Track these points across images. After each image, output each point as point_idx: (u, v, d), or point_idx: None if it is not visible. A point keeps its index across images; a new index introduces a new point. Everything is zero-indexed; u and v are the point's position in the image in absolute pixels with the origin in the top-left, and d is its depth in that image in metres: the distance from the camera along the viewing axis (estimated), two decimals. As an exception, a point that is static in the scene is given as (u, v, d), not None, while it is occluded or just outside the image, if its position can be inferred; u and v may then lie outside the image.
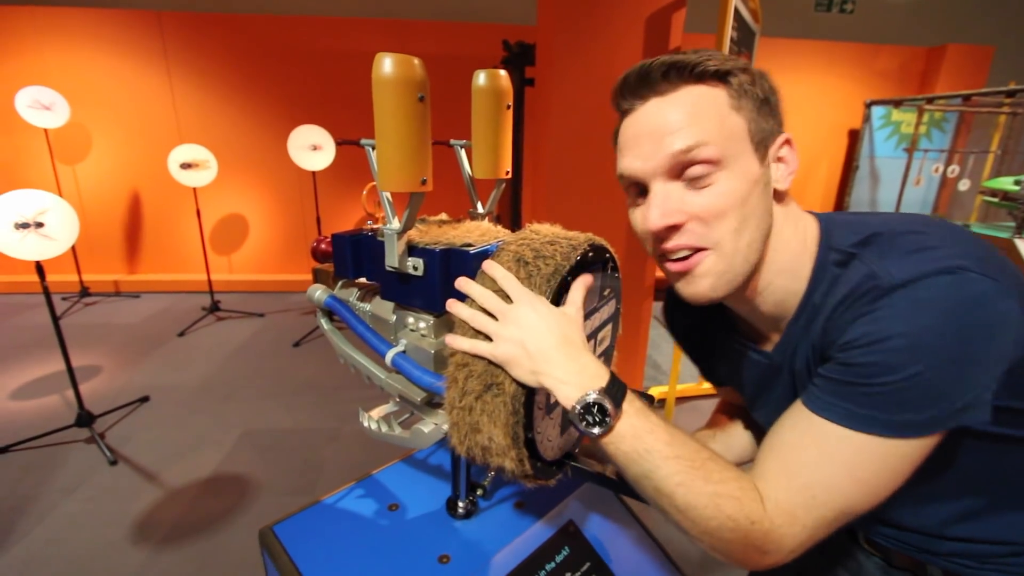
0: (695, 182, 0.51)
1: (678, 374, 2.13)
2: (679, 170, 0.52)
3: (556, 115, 1.82)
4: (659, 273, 2.74)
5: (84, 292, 4.17)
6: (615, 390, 0.51)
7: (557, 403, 0.71)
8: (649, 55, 1.79)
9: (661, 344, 3.51)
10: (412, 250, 0.69)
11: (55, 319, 2.09)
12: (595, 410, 0.51)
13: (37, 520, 1.79)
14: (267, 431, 2.37)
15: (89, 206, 4.23)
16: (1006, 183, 2.79)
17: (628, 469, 0.52)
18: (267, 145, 4.22)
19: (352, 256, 0.74)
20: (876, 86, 4.70)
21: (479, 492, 0.90)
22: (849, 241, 0.52)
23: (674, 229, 0.53)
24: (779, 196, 0.56)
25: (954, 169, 4.69)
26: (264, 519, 1.81)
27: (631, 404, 0.52)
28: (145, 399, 2.61)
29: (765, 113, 0.52)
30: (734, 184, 0.51)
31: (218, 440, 2.29)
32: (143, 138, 4.15)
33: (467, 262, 0.69)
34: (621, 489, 0.68)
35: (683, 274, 0.55)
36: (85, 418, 2.24)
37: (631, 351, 2.17)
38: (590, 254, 0.65)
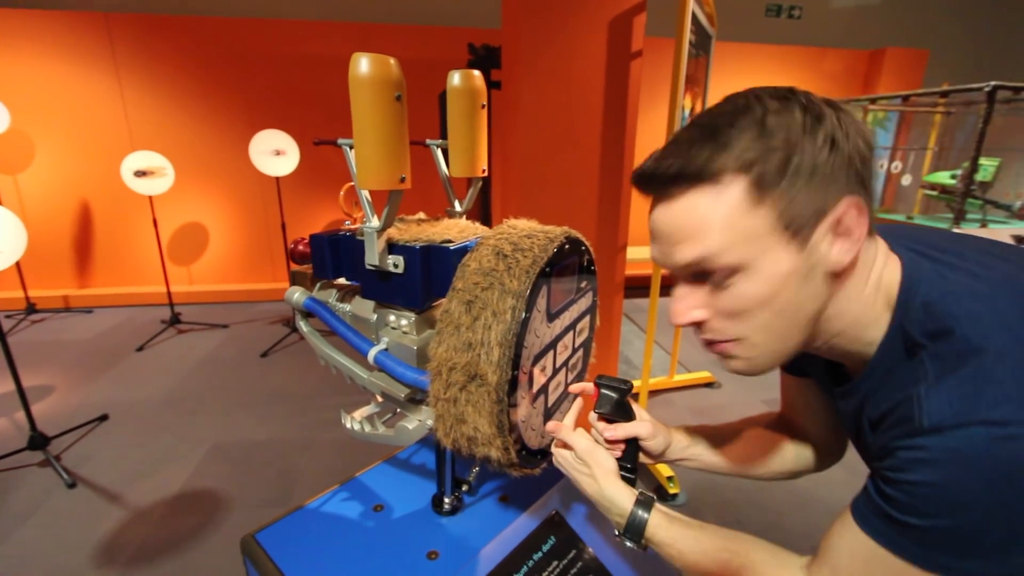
0: (719, 283, 0.49)
1: (650, 368, 2.19)
2: (698, 274, 0.50)
3: (524, 116, 1.85)
4: (629, 270, 2.80)
5: (31, 309, 3.95)
6: (634, 524, 0.63)
7: (542, 390, 0.73)
8: (612, 56, 1.84)
9: (633, 340, 3.58)
10: (392, 248, 0.70)
11: (2, 337, 1.98)
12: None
13: (-11, 550, 1.69)
14: (237, 443, 2.30)
15: (33, 218, 4.00)
16: (943, 177, 2.99)
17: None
18: (227, 151, 4.10)
19: (331, 256, 0.74)
20: (824, 88, 4.94)
21: (464, 488, 0.91)
22: (922, 329, 0.46)
23: (699, 323, 0.52)
24: (840, 272, 0.48)
25: (897, 165, 4.98)
26: (239, 532, 1.75)
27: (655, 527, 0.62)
28: (104, 418, 2.48)
29: (813, 187, 0.45)
30: (757, 287, 0.47)
31: (185, 455, 2.20)
32: (92, 146, 3.96)
33: (447, 258, 0.70)
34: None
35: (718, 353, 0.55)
36: (38, 440, 2.12)
37: (605, 346, 2.22)
38: (566, 246, 0.68)
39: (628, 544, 0.64)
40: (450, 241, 0.71)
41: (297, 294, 0.79)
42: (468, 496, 0.93)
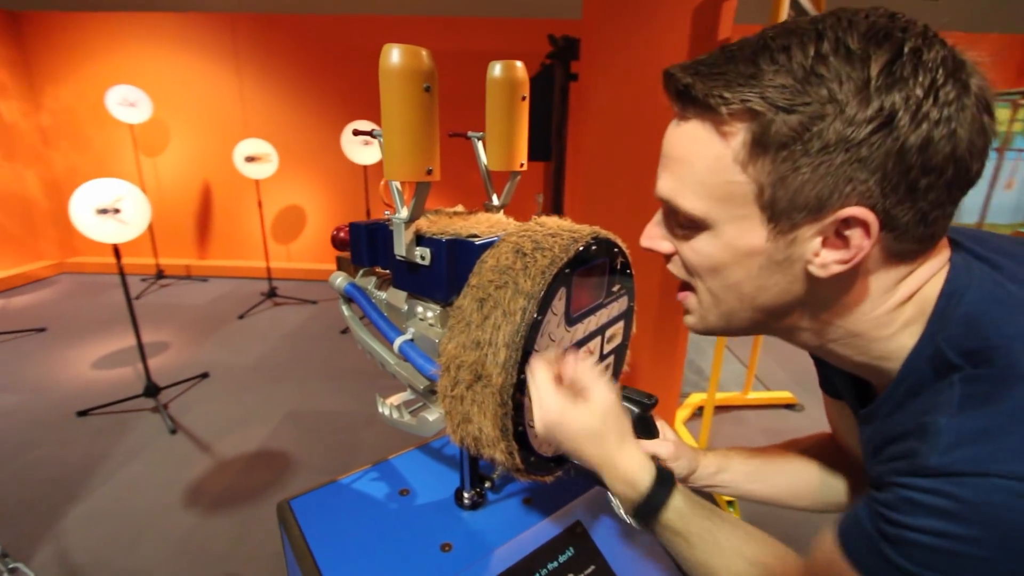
0: (681, 228, 0.45)
1: (718, 381, 2.05)
2: (670, 210, 0.45)
3: (596, 110, 1.79)
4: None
5: (160, 274, 4.54)
6: (649, 506, 0.51)
7: None
8: (695, 49, 1.72)
9: (707, 348, 3.38)
10: (420, 239, 0.70)
11: (129, 298, 2.29)
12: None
13: (105, 479, 1.97)
14: (310, 412, 2.49)
15: (166, 195, 4.58)
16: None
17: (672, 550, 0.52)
18: (323, 139, 4.41)
19: (368, 244, 0.76)
20: (964, 79, 4.28)
21: (487, 485, 0.91)
22: (958, 346, 0.37)
23: (666, 258, 0.49)
24: (840, 276, 0.39)
25: (1056, 171, 4.20)
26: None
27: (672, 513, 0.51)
28: (205, 375, 2.80)
29: (821, 171, 0.36)
30: (712, 250, 0.42)
31: (265, 417, 2.43)
32: (213, 132, 4.45)
33: (471, 252, 0.69)
34: None
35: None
36: (152, 389, 2.44)
37: (668, 353, 2.11)
38: (593, 247, 0.64)
39: (629, 522, 0.55)
40: (476, 235, 0.70)
41: (340, 279, 0.83)
42: (492, 493, 0.92)
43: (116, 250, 2.18)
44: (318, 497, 0.92)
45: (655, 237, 0.48)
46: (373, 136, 0.68)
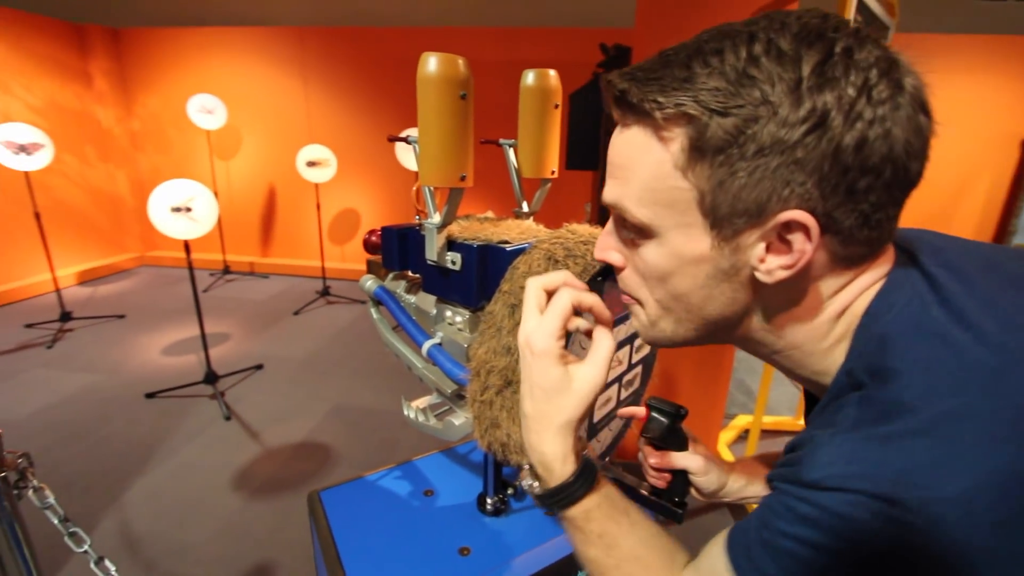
0: (629, 236, 0.44)
1: (765, 403, 1.94)
2: (619, 219, 0.44)
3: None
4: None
5: (226, 270, 4.85)
6: (571, 492, 0.47)
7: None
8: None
9: (757, 367, 3.22)
10: (451, 245, 0.72)
11: (195, 291, 2.47)
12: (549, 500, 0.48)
13: (165, 457, 2.12)
14: (354, 408, 2.57)
15: (235, 196, 4.90)
16: None
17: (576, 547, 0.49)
18: (380, 145, 4.58)
19: (399, 248, 0.78)
20: (1066, 88, 3.89)
21: (510, 491, 0.90)
22: (868, 365, 0.37)
23: (618, 270, 0.47)
24: (787, 282, 0.38)
25: None
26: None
27: (583, 511, 0.47)
28: (259, 367, 2.96)
29: (758, 176, 0.35)
30: (658, 259, 0.41)
31: (312, 410, 2.53)
32: (280, 138, 4.73)
33: (502, 259, 0.69)
34: (655, 507, 0.64)
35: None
36: (211, 377, 2.61)
37: (712, 371, 2.02)
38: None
39: (534, 495, 0.50)
40: (507, 242, 0.71)
41: (370, 282, 0.86)
42: (515, 501, 0.92)
43: (186, 245, 2.36)
44: (346, 491, 0.95)
45: (608, 248, 0.47)
46: (408, 142, 0.70)
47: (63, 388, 2.65)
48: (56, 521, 0.82)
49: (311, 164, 3.87)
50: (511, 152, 0.78)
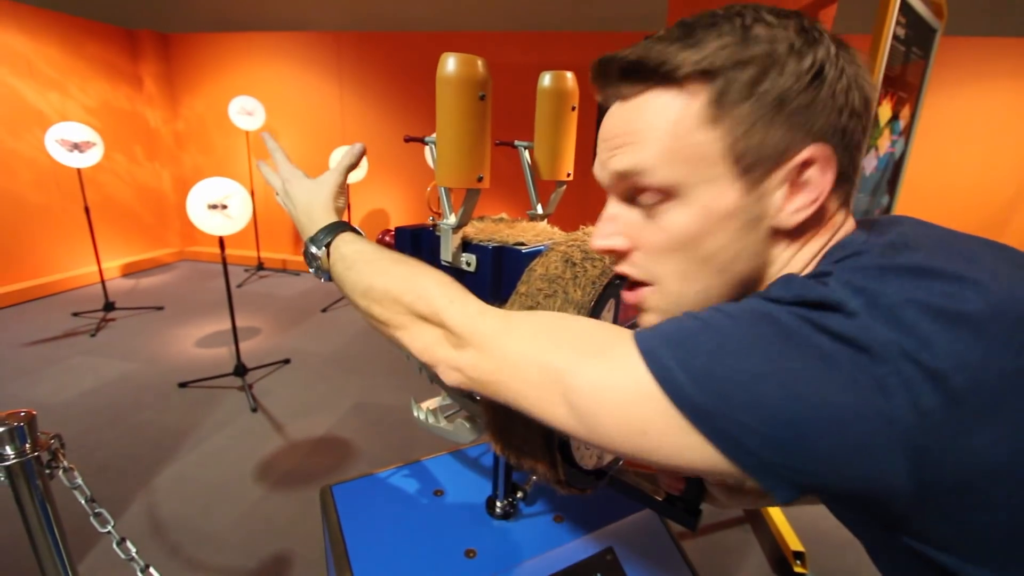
0: (648, 209, 0.43)
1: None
2: (630, 193, 0.44)
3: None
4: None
5: (260, 266, 5.01)
6: (321, 236, 0.63)
7: None
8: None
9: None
10: (466, 246, 0.72)
11: (228, 286, 2.55)
12: (308, 253, 0.64)
13: (194, 444, 2.20)
14: (375, 405, 2.61)
15: (271, 195, 5.05)
16: None
17: (344, 288, 0.59)
18: (410, 148, 4.65)
19: (412, 249, 0.79)
20: None
21: (520, 495, 0.90)
22: (829, 258, 0.42)
23: (621, 256, 0.46)
24: (793, 231, 0.41)
25: None
26: (357, 483, 2.00)
27: (343, 239, 0.61)
28: (287, 361, 3.04)
29: (781, 119, 0.38)
30: (686, 219, 0.41)
31: (334, 406, 2.58)
32: (314, 139, 4.86)
33: (518, 260, 0.69)
34: (669, 514, 0.63)
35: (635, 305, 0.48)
36: (240, 369, 2.69)
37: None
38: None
39: (311, 254, 0.63)
40: (523, 244, 0.70)
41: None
42: (524, 505, 0.91)
43: (221, 242, 2.44)
44: (358, 486, 0.95)
45: (609, 235, 0.46)
46: (424, 142, 0.70)
47: (103, 375, 2.78)
48: (83, 501, 0.86)
49: (343, 165, 3.96)
50: (526, 154, 0.78)
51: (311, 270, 0.65)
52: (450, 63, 0.59)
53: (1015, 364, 0.30)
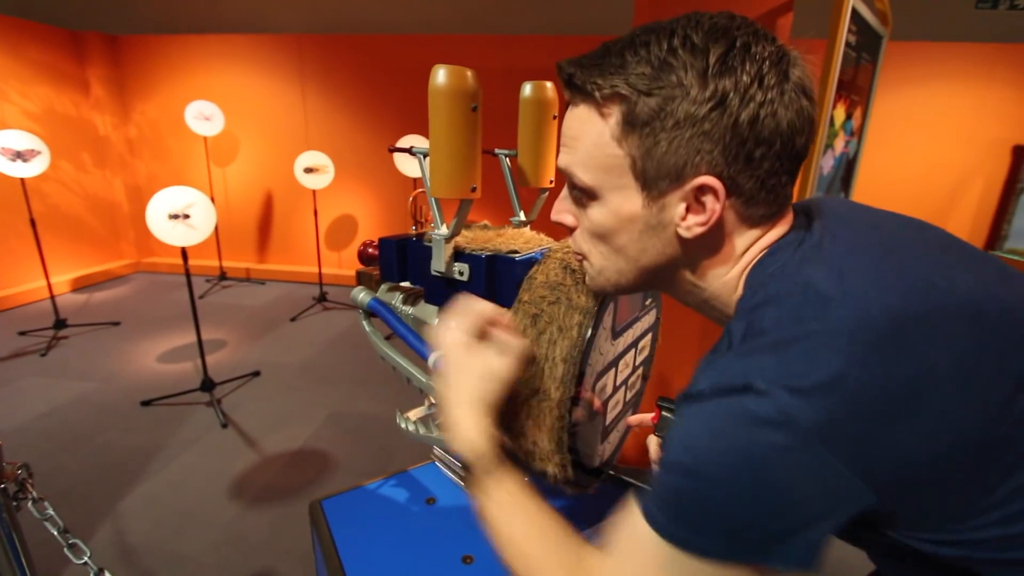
0: (580, 201, 0.51)
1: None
2: (571, 184, 0.51)
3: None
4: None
5: (222, 276, 4.84)
6: (488, 467, 0.54)
7: (598, 412, 0.70)
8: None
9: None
10: (458, 255, 0.72)
11: (193, 298, 2.46)
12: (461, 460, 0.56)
13: (163, 464, 2.11)
14: (351, 414, 2.57)
15: (232, 202, 4.90)
16: None
17: (486, 522, 0.55)
18: (378, 152, 4.59)
19: (398, 260, 0.78)
20: (1056, 95, 3.94)
21: (512, 499, 0.90)
22: (746, 302, 0.44)
23: (571, 231, 0.55)
24: (707, 243, 0.47)
25: None
26: (337, 495, 1.96)
27: (499, 484, 0.54)
28: (256, 373, 2.95)
29: (675, 144, 0.42)
30: (601, 217, 0.49)
31: (309, 417, 2.52)
32: (277, 145, 4.73)
33: (512, 269, 0.70)
34: None
35: None
36: (208, 384, 2.59)
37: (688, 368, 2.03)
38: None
39: (456, 476, 0.61)
40: (516, 251, 0.71)
41: (362, 294, 0.85)
42: (517, 509, 0.92)
43: (184, 252, 2.35)
44: (348, 499, 0.94)
45: (561, 211, 0.54)
46: (412, 153, 0.70)
47: (58, 396, 2.63)
48: (56, 533, 0.82)
49: (309, 171, 3.87)
50: (507, 162, 0.79)
51: (444, 469, 0.63)
52: (442, 75, 0.60)
53: (915, 369, 0.36)
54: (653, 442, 0.68)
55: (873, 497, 0.37)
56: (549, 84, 0.72)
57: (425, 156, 0.69)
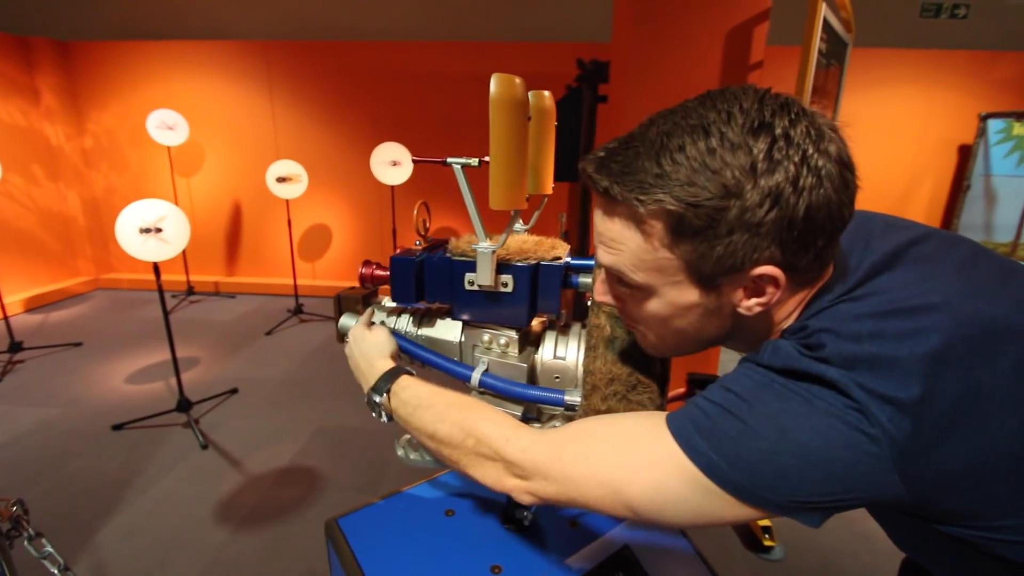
0: (630, 291, 0.53)
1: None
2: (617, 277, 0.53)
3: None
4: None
5: (190, 291, 4.65)
6: (381, 384, 0.70)
7: None
8: (728, 70, 1.74)
9: (729, 366, 3.32)
10: (500, 267, 0.70)
11: (166, 315, 2.36)
12: (371, 401, 0.71)
13: (140, 492, 2.00)
14: (338, 429, 2.50)
15: (199, 214, 4.72)
16: None
17: (409, 430, 0.68)
18: (352, 161, 4.52)
19: (416, 279, 0.74)
20: (992, 98, 4.22)
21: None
22: (807, 325, 0.48)
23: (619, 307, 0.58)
24: (759, 315, 0.50)
25: (1094, 190, 4.09)
26: (330, 512, 1.89)
27: (400, 385, 0.68)
28: (234, 391, 2.85)
29: (733, 246, 0.43)
30: (657, 308, 0.51)
31: (294, 434, 2.45)
32: (246, 154, 4.60)
33: (555, 275, 0.70)
34: None
35: None
36: (184, 404, 2.48)
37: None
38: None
39: (374, 402, 0.70)
40: (559, 258, 0.71)
41: (354, 324, 0.81)
42: (543, 514, 0.91)
43: (156, 268, 2.25)
44: (365, 516, 0.92)
45: (604, 294, 0.57)
46: (446, 164, 0.69)
47: (17, 425, 2.47)
48: (56, 571, 0.77)
49: (281, 180, 3.77)
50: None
51: (374, 414, 0.72)
52: (501, 85, 0.58)
53: (964, 388, 0.40)
54: None
55: (903, 492, 0.41)
56: (547, 93, 0.72)
57: (463, 167, 0.67)
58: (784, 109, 0.43)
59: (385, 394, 0.68)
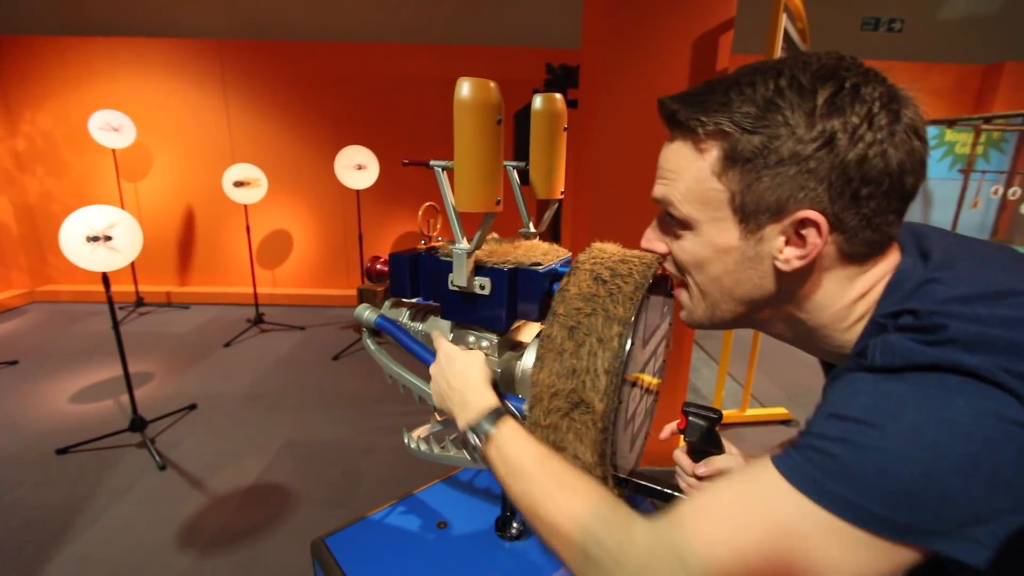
0: (676, 230, 0.52)
1: (722, 400, 2.07)
2: (666, 213, 0.52)
3: (600, 136, 1.83)
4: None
5: (139, 302, 4.39)
6: (484, 423, 0.59)
7: (631, 419, 0.71)
8: (695, 77, 1.79)
9: (701, 368, 3.41)
10: (479, 269, 0.70)
11: (116, 328, 2.21)
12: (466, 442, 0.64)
13: (92, 520, 1.86)
14: (307, 442, 2.41)
15: (147, 221, 4.47)
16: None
17: (505, 489, 0.56)
18: (314, 164, 4.39)
19: (410, 276, 0.75)
20: (927, 105, 4.52)
21: (529, 513, 0.89)
22: (892, 311, 0.43)
23: (664, 256, 0.55)
24: (803, 271, 0.46)
25: (1015, 191, 4.47)
26: (304, 529, 1.83)
27: (504, 430, 0.58)
28: (193, 407, 2.70)
29: (778, 180, 0.43)
30: (696, 247, 0.50)
31: (260, 449, 2.34)
32: (199, 158, 4.39)
33: (534, 281, 0.69)
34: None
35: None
36: (138, 423, 2.33)
37: (673, 373, 2.12)
38: (659, 272, 0.65)
39: (471, 442, 0.60)
40: (538, 263, 0.70)
41: (368, 312, 0.81)
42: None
43: (105, 278, 2.11)
44: (353, 533, 0.88)
45: (652, 240, 0.55)
46: (428, 166, 0.68)
47: (-53, 452, 2.26)
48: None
49: (239, 184, 3.62)
50: (514, 174, 0.78)
51: (464, 452, 0.68)
52: (467, 88, 0.58)
53: None
54: (682, 457, 0.69)
55: None
56: (559, 96, 0.72)
57: (444, 170, 0.67)
58: (861, 69, 0.43)
59: (484, 436, 0.59)
